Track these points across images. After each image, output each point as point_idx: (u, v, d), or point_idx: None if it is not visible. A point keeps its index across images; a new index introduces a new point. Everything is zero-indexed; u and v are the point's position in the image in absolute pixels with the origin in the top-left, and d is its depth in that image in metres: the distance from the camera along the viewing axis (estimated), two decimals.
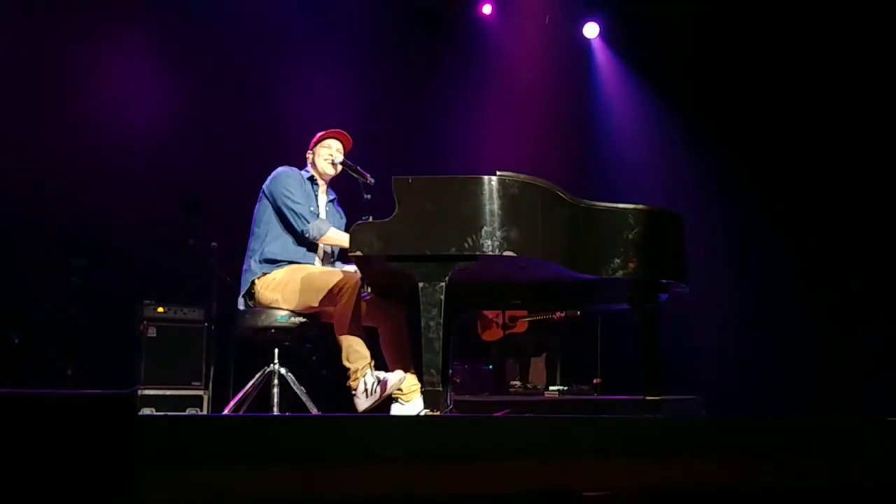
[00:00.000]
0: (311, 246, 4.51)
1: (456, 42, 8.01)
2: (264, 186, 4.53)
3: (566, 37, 8.32)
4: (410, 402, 4.08)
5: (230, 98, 6.84)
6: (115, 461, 2.15)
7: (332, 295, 4.19)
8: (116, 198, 6.23)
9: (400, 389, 4.10)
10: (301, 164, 4.71)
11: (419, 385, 4.14)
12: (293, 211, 4.41)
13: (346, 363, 4.12)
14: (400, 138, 7.26)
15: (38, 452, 2.11)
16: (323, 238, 4.44)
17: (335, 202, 4.76)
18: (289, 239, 4.46)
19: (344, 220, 4.73)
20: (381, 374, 4.07)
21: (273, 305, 4.37)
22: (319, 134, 4.69)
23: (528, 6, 8.22)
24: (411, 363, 4.18)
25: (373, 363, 4.13)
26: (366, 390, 4.03)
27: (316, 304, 4.30)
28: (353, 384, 4.09)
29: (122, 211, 6.23)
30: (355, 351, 4.09)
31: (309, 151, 4.70)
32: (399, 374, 4.08)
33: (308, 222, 4.41)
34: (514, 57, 8.31)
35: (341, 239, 4.42)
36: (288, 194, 4.43)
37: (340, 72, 7.24)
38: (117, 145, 6.34)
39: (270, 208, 4.48)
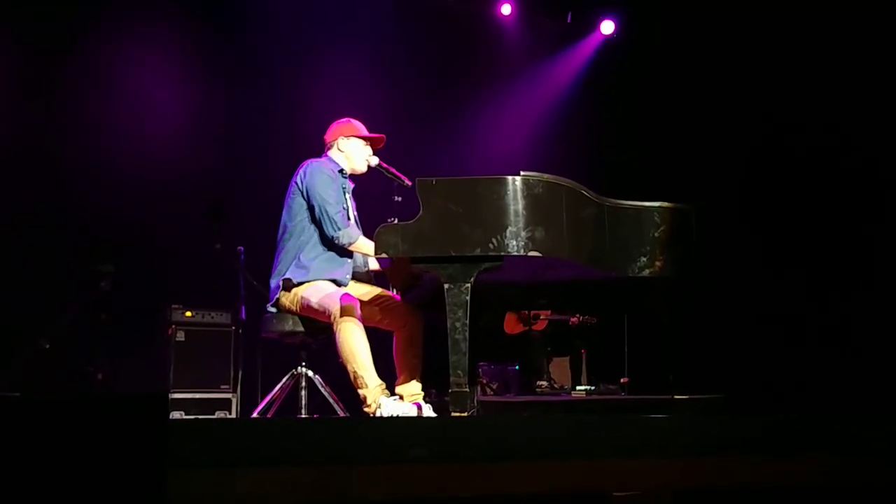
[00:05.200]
0: (344, 251, 4.44)
1: (477, 42, 8.01)
2: (297, 180, 4.42)
3: (587, 35, 8.32)
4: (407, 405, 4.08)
5: (254, 100, 6.87)
6: (147, 462, 2.17)
7: (329, 319, 4.19)
8: (144, 203, 6.27)
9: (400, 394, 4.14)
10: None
11: (422, 393, 4.18)
12: (328, 214, 4.32)
13: (357, 389, 4.10)
14: (423, 139, 7.26)
15: (72, 455, 2.14)
16: (353, 245, 4.37)
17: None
18: (322, 239, 4.40)
19: (354, 204, 4.68)
20: (396, 408, 4.01)
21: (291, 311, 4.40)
22: (347, 126, 4.57)
23: (548, 5, 8.22)
24: (419, 371, 4.18)
25: (384, 385, 4.09)
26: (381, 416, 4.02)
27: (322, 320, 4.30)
28: (368, 409, 4.06)
29: (149, 216, 6.26)
30: (360, 377, 4.07)
31: (343, 139, 4.54)
32: (412, 408, 4.07)
33: (339, 229, 4.32)
34: (535, 56, 8.31)
35: (369, 247, 4.36)
36: (325, 196, 4.33)
37: (362, 73, 7.25)
38: (143, 150, 6.38)
39: (306, 206, 4.40)
